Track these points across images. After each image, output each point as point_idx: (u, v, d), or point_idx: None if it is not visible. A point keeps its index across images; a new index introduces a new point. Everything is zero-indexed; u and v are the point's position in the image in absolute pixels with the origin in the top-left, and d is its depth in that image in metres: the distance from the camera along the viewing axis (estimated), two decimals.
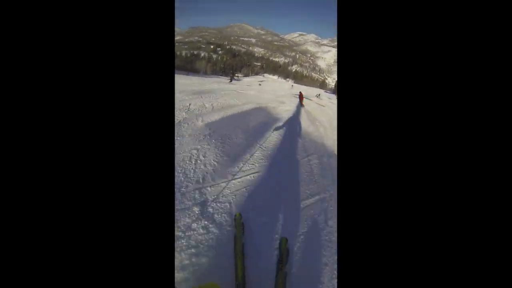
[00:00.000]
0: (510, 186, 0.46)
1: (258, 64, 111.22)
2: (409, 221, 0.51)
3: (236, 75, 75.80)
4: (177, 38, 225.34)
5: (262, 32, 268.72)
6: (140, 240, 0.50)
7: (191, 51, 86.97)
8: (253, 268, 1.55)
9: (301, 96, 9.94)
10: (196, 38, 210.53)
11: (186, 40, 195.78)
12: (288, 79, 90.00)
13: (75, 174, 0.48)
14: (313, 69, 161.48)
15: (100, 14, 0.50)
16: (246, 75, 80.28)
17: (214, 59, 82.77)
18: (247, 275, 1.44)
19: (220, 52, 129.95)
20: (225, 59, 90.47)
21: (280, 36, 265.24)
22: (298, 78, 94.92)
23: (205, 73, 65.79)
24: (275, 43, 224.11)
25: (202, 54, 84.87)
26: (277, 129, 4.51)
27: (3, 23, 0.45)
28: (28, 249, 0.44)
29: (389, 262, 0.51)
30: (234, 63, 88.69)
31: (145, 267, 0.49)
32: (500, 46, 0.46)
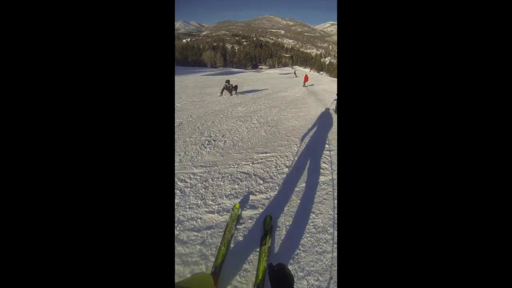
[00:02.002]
0: (510, 186, 0.44)
1: (287, 55, 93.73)
2: (411, 218, 0.48)
3: (260, 66, 60.60)
4: (204, 33, 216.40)
5: (291, 23, 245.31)
6: (139, 233, 0.49)
7: (212, 44, 73.44)
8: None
9: (306, 78, 12.55)
10: (223, 31, 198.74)
11: (214, 34, 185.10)
12: (322, 72, 71.61)
13: (73, 170, 0.47)
14: None
15: (99, 10, 0.49)
16: (271, 67, 64.89)
17: (237, 50, 67.98)
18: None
19: (245, 43, 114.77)
20: (248, 49, 75.01)
21: (311, 26, 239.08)
22: (332, 71, 75.39)
23: (214, 66, 53.08)
24: (306, 34, 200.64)
25: (227, 46, 70.77)
26: None
27: (2, 23, 0.44)
28: (21, 239, 0.44)
29: (389, 260, 0.48)
30: (257, 54, 73.05)
31: (144, 255, 0.48)
32: (502, 45, 0.45)
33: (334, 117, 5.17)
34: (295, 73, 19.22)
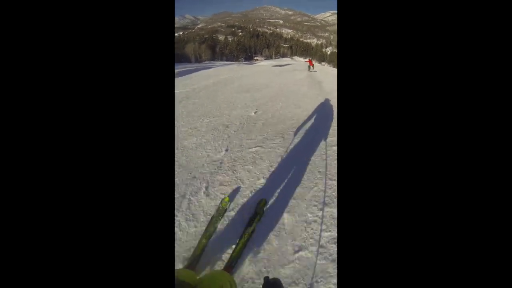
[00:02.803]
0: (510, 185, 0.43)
1: (286, 45, 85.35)
2: (412, 218, 0.47)
3: (256, 57, 53.23)
4: (199, 25, 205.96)
5: (290, 12, 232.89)
6: (139, 231, 0.49)
7: (204, 36, 64.90)
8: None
9: (310, 62, 13.74)
10: (219, 23, 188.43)
11: (209, 26, 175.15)
12: (324, 62, 63.97)
13: (72, 167, 0.47)
14: None
15: (99, 8, 0.48)
16: (268, 58, 57.34)
17: (230, 41, 60.19)
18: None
19: (240, 33, 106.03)
20: (243, 40, 67.12)
21: (311, 16, 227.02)
22: (334, 62, 67.43)
23: (198, 60, 45.88)
24: (306, 23, 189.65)
25: (220, 37, 62.77)
26: None
27: (2, 23, 0.44)
28: (17, 235, 0.43)
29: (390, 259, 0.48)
30: (252, 45, 65.17)
31: (143, 250, 0.48)
32: (502, 45, 0.45)
33: None
34: (309, 68, 13.87)
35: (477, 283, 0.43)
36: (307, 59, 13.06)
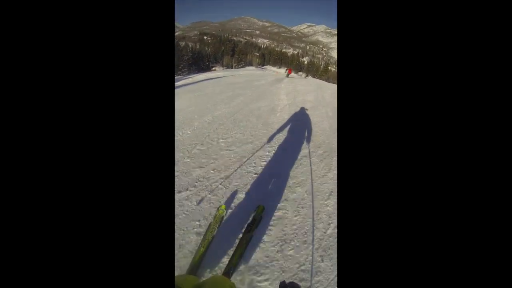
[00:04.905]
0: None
1: (257, 53, 73.23)
2: (412, 219, 0.46)
3: (214, 68, 39.82)
4: (177, 33, 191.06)
5: (268, 24, 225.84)
6: (139, 232, 0.47)
7: None
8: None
9: (289, 71, 14.33)
10: (196, 32, 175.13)
11: (186, 35, 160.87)
12: (301, 72, 52.30)
13: (71, 166, 0.45)
14: (328, 61, 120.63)
15: (99, 9, 0.46)
16: (228, 67, 44.35)
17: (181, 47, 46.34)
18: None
19: (209, 40, 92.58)
20: (197, 46, 53.31)
21: (287, 28, 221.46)
22: (315, 71, 55.68)
23: None
24: (282, 34, 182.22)
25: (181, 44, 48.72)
26: None
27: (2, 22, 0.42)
28: (16, 235, 0.42)
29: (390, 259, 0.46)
30: (213, 52, 51.60)
31: (143, 252, 0.47)
32: (502, 45, 0.43)
33: None
34: (287, 75, 14.13)
35: (477, 280, 0.42)
36: (287, 69, 14.62)
